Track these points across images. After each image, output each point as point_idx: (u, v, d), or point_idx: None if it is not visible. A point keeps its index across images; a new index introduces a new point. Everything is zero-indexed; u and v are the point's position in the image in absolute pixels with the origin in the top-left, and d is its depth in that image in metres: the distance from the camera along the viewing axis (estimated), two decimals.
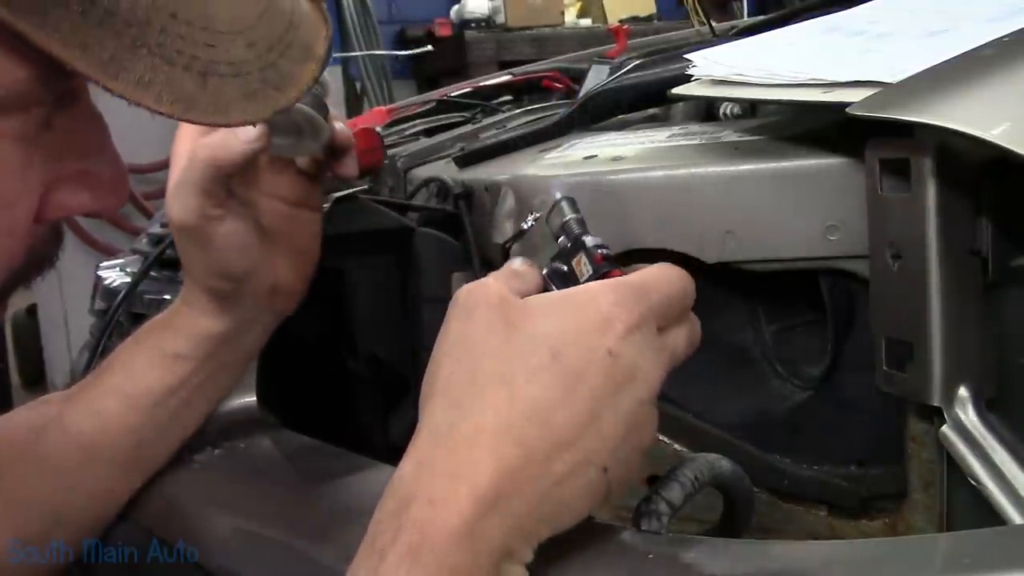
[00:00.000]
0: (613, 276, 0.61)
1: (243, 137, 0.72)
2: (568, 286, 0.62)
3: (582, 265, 0.62)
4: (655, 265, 0.60)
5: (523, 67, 1.71)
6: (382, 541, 0.51)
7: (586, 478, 0.54)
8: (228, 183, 0.75)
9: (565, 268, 0.63)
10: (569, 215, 0.65)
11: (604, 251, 0.62)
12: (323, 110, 0.76)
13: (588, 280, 0.62)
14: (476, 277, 0.81)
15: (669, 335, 0.58)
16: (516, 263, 0.61)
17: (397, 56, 4.56)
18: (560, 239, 0.65)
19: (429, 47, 2.77)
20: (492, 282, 0.58)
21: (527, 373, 0.54)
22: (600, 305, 0.56)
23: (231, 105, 0.50)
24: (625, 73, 1.07)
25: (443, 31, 5.16)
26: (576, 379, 0.54)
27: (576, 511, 0.55)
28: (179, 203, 0.76)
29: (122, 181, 0.58)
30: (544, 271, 0.63)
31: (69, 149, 0.55)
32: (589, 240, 0.63)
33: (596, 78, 1.21)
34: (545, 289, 0.62)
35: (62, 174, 0.55)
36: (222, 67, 0.49)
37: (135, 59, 0.46)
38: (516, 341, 0.55)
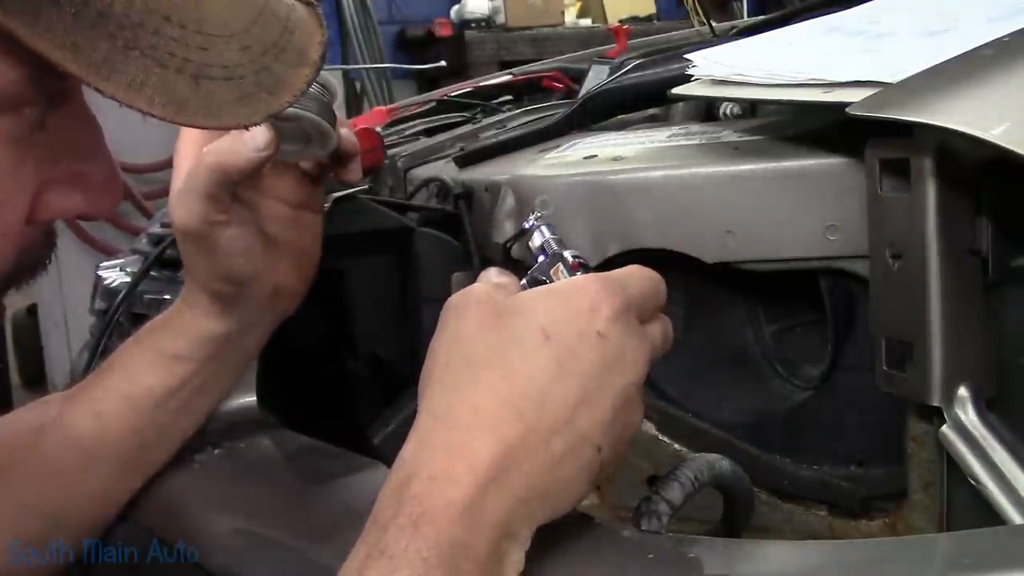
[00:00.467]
0: None
1: (252, 145, 0.71)
2: None
3: (559, 273, 0.65)
4: (629, 267, 0.62)
5: (523, 67, 1.70)
6: (384, 516, 0.52)
7: (584, 458, 0.55)
8: (233, 189, 0.75)
9: (544, 278, 0.65)
10: (548, 236, 0.68)
11: (580, 260, 0.66)
12: (331, 117, 0.75)
13: None
14: (476, 277, 0.81)
15: (648, 328, 0.60)
16: (493, 274, 0.63)
17: (403, 64, 4.56)
18: (540, 258, 0.67)
19: (443, 63, 2.75)
20: (480, 285, 0.61)
21: (522, 354, 0.56)
22: (587, 292, 0.58)
23: (223, 108, 0.49)
24: (625, 73, 1.07)
25: (443, 31, 5.15)
26: (569, 357, 0.56)
27: (573, 493, 0.56)
28: (183, 208, 0.75)
29: (115, 183, 0.58)
30: (523, 281, 0.65)
31: (62, 150, 0.54)
32: (567, 252, 0.66)
33: (596, 78, 1.21)
34: None
35: (55, 175, 0.55)
36: (215, 70, 0.49)
37: (127, 61, 0.46)
38: (508, 330, 0.57)
